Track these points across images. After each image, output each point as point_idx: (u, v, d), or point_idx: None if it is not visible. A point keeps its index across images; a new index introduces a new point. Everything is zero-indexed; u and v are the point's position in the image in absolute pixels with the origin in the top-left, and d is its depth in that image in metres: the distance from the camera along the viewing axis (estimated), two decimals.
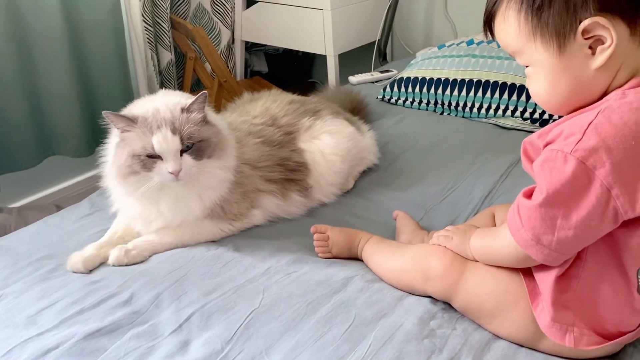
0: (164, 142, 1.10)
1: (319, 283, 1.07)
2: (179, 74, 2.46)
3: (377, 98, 2.01)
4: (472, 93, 1.82)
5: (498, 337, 0.94)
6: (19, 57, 1.89)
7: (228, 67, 2.52)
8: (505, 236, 0.86)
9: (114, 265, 1.14)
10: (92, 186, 2.02)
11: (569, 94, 0.81)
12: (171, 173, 1.10)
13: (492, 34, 0.87)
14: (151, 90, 2.19)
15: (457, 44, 1.98)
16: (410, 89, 1.94)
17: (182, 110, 1.13)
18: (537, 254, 0.82)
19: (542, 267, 0.86)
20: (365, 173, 1.51)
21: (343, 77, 2.34)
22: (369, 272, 1.11)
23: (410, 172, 1.52)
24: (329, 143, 1.38)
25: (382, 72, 2.25)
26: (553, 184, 0.77)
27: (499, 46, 1.87)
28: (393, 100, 1.98)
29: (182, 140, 1.11)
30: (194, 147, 1.13)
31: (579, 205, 0.76)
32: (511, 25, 0.82)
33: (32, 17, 1.89)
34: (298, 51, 2.68)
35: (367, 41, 2.46)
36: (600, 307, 0.84)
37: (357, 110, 1.74)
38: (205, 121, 1.16)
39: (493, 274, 0.93)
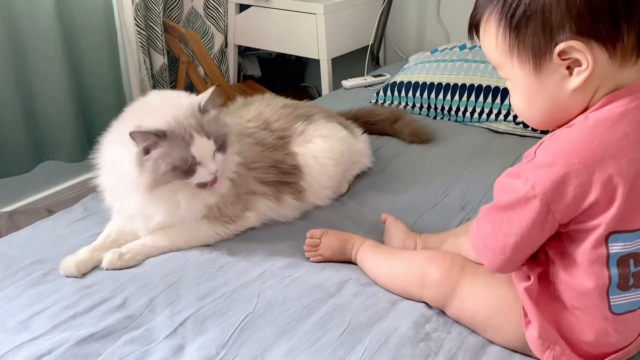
0: (202, 149, 1.12)
1: (313, 287, 1.06)
2: (172, 78, 2.46)
3: (370, 102, 2.01)
4: (465, 97, 1.83)
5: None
6: (12, 60, 1.88)
7: (221, 71, 2.52)
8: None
9: (107, 269, 1.13)
10: (84, 190, 2.02)
11: (544, 112, 0.82)
12: (212, 174, 1.13)
13: (478, 38, 0.87)
14: (144, 95, 2.18)
15: (450, 49, 1.99)
16: (403, 93, 1.94)
17: (200, 111, 1.14)
18: (484, 258, 0.86)
19: (519, 283, 0.88)
20: (359, 177, 1.51)
21: (336, 82, 2.34)
22: (364, 276, 1.11)
23: (404, 175, 1.52)
24: (322, 147, 1.38)
25: (375, 76, 2.25)
26: (502, 196, 0.83)
27: None
28: (386, 105, 1.98)
29: (215, 142, 1.14)
30: (222, 143, 1.16)
31: (521, 216, 0.79)
32: (490, 39, 0.83)
33: (26, 20, 1.89)
34: (291, 55, 2.68)
35: (360, 45, 2.46)
36: (577, 328, 0.85)
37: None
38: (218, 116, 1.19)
39: (488, 284, 0.94)
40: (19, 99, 1.92)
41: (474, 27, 0.85)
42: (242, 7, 2.51)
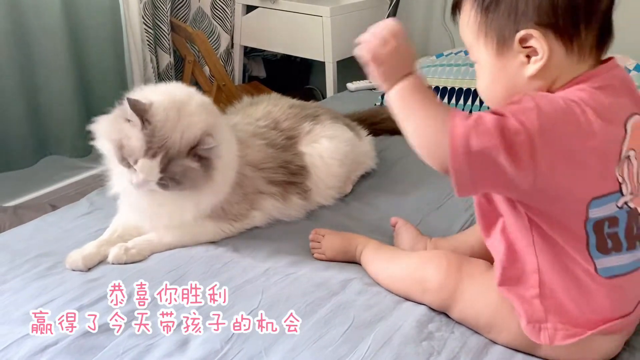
0: (144, 169, 1.08)
1: (317, 285, 1.07)
2: (178, 77, 2.47)
3: (375, 104, 2.02)
4: (469, 102, 1.84)
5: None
6: (17, 56, 1.89)
7: (226, 71, 2.53)
8: (443, 113, 0.81)
9: (113, 264, 1.14)
10: (88, 187, 2.02)
11: (504, 94, 0.85)
12: (135, 183, 1.11)
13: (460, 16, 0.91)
14: None
15: (455, 53, 2.00)
16: None
17: (191, 152, 1.10)
18: (454, 150, 0.77)
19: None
20: (363, 177, 1.52)
21: (341, 84, 2.35)
22: (367, 276, 1.11)
23: (408, 177, 1.53)
24: (328, 147, 1.39)
25: None
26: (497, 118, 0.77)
27: None
28: None
29: (162, 176, 1.09)
30: (173, 180, 1.11)
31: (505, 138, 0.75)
32: (464, 17, 0.87)
33: (31, 15, 1.90)
34: (296, 57, 2.69)
35: None
36: (565, 295, 0.85)
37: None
38: (208, 162, 1.12)
39: (487, 285, 0.94)
40: (23, 93, 1.92)
41: (456, 6, 0.90)
42: (249, 8, 2.52)
